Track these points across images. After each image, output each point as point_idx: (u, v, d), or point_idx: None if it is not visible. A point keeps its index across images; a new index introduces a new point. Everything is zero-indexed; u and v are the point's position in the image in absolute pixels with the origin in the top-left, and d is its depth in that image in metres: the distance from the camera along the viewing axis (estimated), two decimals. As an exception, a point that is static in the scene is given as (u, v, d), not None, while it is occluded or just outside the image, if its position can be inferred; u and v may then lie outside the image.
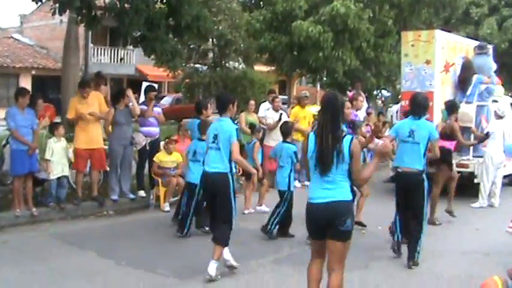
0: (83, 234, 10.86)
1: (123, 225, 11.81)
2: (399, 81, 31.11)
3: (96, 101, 12.57)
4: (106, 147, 13.50)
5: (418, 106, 9.44)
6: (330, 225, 6.17)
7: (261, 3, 26.31)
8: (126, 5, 14.10)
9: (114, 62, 43.51)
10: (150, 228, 11.55)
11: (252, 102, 16.46)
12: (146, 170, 13.86)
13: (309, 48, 23.25)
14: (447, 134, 12.53)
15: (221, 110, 8.88)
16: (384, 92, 33.31)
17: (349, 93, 22.27)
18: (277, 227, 10.79)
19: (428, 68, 14.58)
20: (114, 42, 41.98)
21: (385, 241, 10.00)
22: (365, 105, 19.39)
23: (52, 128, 12.23)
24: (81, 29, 17.76)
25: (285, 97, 31.59)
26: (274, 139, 14.89)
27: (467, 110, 14.63)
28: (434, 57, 14.58)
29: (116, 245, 10.10)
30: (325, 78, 27.96)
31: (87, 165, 12.75)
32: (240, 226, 11.11)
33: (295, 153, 10.88)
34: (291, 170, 10.86)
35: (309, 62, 23.67)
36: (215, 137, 8.61)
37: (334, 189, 6.17)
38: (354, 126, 11.50)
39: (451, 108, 12.92)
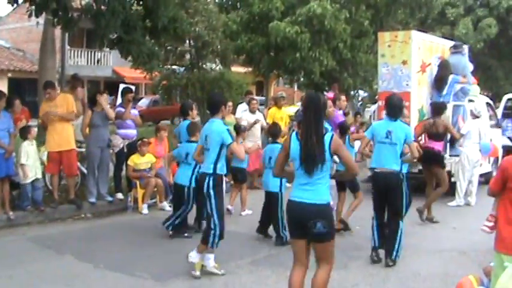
0: (60, 237, 10.82)
1: (101, 228, 11.79)
2: (376, 81, 31.25)
3: (64, 103, 12.45)
4: (83, 149, 13.48)
5: (394, 107, 9.53)
6: (302, 226, 6.23)
7: (238, 4, 26.29)
8: (102, 7, 14.04)
9: (91, 64, 43.31)
10: (128, 230, 11.53)
11: (230, 103, 16.44)
12: (124, 172, 13.83)
13: (286, 49, 23.26)
14: (436, 134, 12.71)
15: (213, 110, 8.88)
16: (361, 92, 33.45)
17: (327, 94, 22.36)
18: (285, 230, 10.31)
19: (405, 69, 14.59)
20: (91, 44, 41.77)
21: (365, 240, 10.06)
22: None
23: (24, 132, 12.10)
24: (58, 31, 17.70)
25: (263, 98, 31.67)
26: (251, 140, 14.98)
27: None
28: (410, 57, 14.61)
29: (94, 248, 10.07)
30: (302, 79, 28.02)
31: (60, 167, 12.68)
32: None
33: None
34: None
35: (286, 63, 23.67)
36: (206, 137, 8.62)
37: (312, 191, 6.22)
38: (343, 128, 11.58)
39: (440, 109, 13.15)
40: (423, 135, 13.18)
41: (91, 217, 12.56)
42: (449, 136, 13.79)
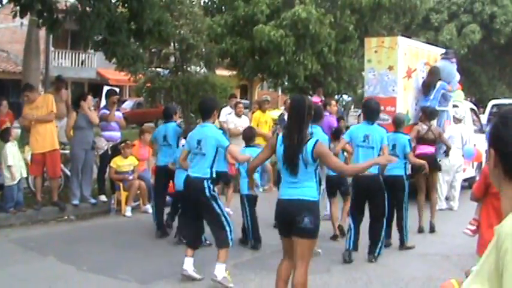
0: (43, 239, 10.78)
1: (84, 230, 11.76)
2: (360, 86, 31.44)
3: (44, 104, 12.41)
4: (67, 151, 13.44)
5: (372, 111, 9.75)
6: (290, 221, 6.43)
7: (223, 7, 26.34)
8: (87, 9, 14.02)
9: (75, 65, 43.15)
10: (111, 233, 11.51)
11: (215, 107, 16.47)
12: (107, 175, 13.80)
13: (270, 52, 23.31)
14: (430, 139, 12.80)
15: (205, 115, 8.82)
16: (345, 97, 33.55)
17: (312, 98, 22.39)
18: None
19: (391, 74, 14.65)
20: (75, 45, 41.61)
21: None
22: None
23: (6, 134, 12.00)
24: (42, 32, 17.63)
25: (247, 101, 31.66)
26: (237, 144, 14.97)
27: None
28: (396, 63, 14.67)
29: (77, 250, 10.05)
30: (286, 83, 28.07)
31: (43, 169, 12.63)
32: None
33: None
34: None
35: (271, 67, 23.72)
36: (198, 142, 8.48)
37: (299, 188, 6.43)
38: (338, 133, 11.58)
39: (433, 114, 13.36)
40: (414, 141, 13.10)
41: (74, 219, 12.52)
42: (444, 147, 13.76)
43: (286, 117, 14.56)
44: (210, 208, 8.41)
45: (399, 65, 14.67)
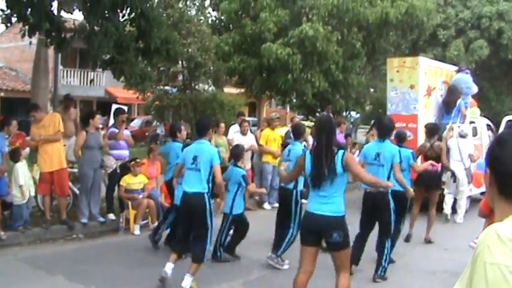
0: (52, 258, 10.79)
1: (93, 248, 11.76)
2: (367, 102, 31.47)
3: (51, 123, 12.44)
4: (75, 170, 13.47)
5: (383, 128, 9.90)
6: (317, 235, 7.04)
7: (230, 26, 26.39)
8: (95, 28, 14.09)
9: (83, 84, 43.31)
10: (120, 251, 11.51)
11: (222, 125, 16.52)
12: (116, 193, 13.82)
13: (278, 70, 23.33)
14: (432, 156, 12.93)
15: (201, 133, 9.26)
16: (353, 114, 33.59)
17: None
18: (221, 249, 10.89)
19: (413, 93, 15.41)
20: (84, 64, 41.83)
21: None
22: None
23: (15, 154, 12.06)
24: (51, 51, 17.70)
25: (255, 119, 31.72)
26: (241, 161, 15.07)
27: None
28: (418, 82, 15.40)
29: (86, 268, 10.06)
30: (294, 100, 28.11)
31: (52, 187, 12.64)
32: (210, 248, 11.15)
33: (243, 177, 10.83)
34: (235, 194, 10.77)
35: (278, 84, 23.74)
36: (195, 158, 8.88)
37: (327, 203, 6.90)
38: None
39: (433, 130, 13.39)
40: (420, 158, 13.44)
41: (83, 238, 12.53)
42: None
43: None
44: (204, 222, 8.79)
45: (420, 84, 15.48)
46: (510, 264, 2.21)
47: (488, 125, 18.15)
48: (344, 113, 28.94)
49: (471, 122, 16.45)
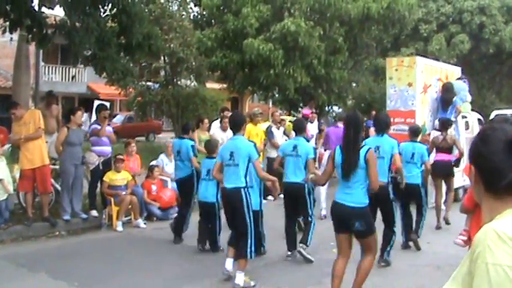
0: (34, 255, 10.74)
1: (76, 245, 11.72)
2: (350, 97, 31.52)
3: (32, 120, 12.35)
4: (57, 166, 13.41)
5: (380, 123, 10.25)
6: (344, 223, 7.73)
7: (213, 21, 26.35)
8: (77, 24, 14.02)
9: (65, 80, 43.13)
10: (102, 248, 11.49)
11: (206, 120, 16.47)
12: (98, 189, 13.77)
13: (260, 65, 23.32)
14: (445, 147, 13.80)
15: (235, 129, 9.54)
16: (335, 108, 33.60)
17: (303, 111, 22.45)
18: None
19: (410, 90, 16.42)
20: (66, 60, 41.58)
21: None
22: (316, 121, 19.68)
23: None
24: (32, 46, 17.61)
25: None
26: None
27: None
28: (415, 80, 16.40)
29: (69, 265, 10.02)
30: (276, 95, 28.10)
31: (33, 184, 12.58)
32: (193, 245, 11.19)
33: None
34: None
35: (260, 80, 23.73)
36: (231, 154, 9.12)
37: (351, 194, 7.67)
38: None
39: (448, 124, 14.48)
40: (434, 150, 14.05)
41: (65, 235, 12.49)
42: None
43: (273, 129, 15.04)
44: (243, 217, 9.09)
45: (417, 82, 16.48)
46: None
47: (479, 119, 19.12)
48: (326, 108, 28.95)
49: (463, 117, 17.32)
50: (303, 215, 10.89)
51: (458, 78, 18.08)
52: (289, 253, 10.75)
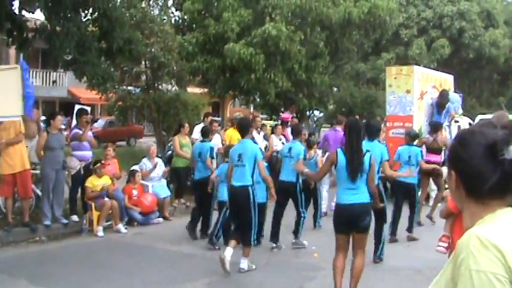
0: (14, 261, 10.68)
1: (56, 250, 11.66)
2: (331, 102, 31.57)
3: (12, 125, 12.26)
4: (38, 171, 13.34)
5: (371, 129, 10.71)
6: (353, 222, 8.22)
7: (194, 26, 26.29)
8: (57, 28, 13.97)
9: (46, 84, 43.01)
10: (83, 253, 11.45)
11: (187, 125, 16.47)
12: (79, 194, 13.71)
13: (241, 70, 23.30)
14: (436, 148, 14.80)
15: (243, 132, 10.65)
16: (316, 113, 33.66)
17: (283, 115, 22.49)
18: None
19: (409, 96, 17.70)
20: (46, 64, 41.44)
21: (321, 260, 10.17)
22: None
23: None
24: (12, 50, 17.55)
25: (219, 119, 31.65)
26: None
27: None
28: (413, 87, 17.73)
29: (49, 271, 9.98)
30: (257, 100, 28.10)
31: (14, 189, 12.50)
32: (173, 249, 11.18)
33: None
34: None
35: (241, 84, 23.70)
36: (239, 156, 10.09)
37: (358, 194, 8.23)
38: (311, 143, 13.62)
39: (437, 127, 15.30)
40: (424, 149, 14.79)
41: (46, 240, 12.42)
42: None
43: (254, 133, 15.25)
44: (248, 211, 9.99)
45: (415, 89, 17.77)
46: (496, 271, 2.22)
47: (469, 124, 19.96)
48: (307, 112, 28.99)
49: (456, 121, 18.48)
50: (296, 211, 11.90)
51: (455, 92, 19.59)
52: (273, 245, 11.66)
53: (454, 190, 2.57)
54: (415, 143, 13.54)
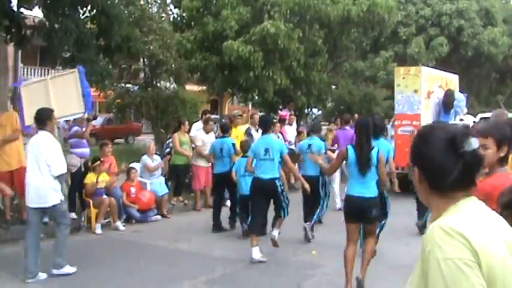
0: (12, 258, 10.65)
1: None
2: (329, 99, 31.55)
3: (9, 122, 12.30)
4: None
5: (376, 128, 10.62)
6: (362, 213, 8.74)
7: (192, 23, 26.24)
8: (55, 25, 13.95)
9: (44, 82, 42.90)
10: (81, 250, 11.41)
11: (186, 123, 16.48)
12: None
13: (239, 67, 23.27)
14: None
15: (266, 129, 11.48)
16: (315, 111, 33.65)
17: (281, 112, 22.48)
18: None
19: (416, 96, 18.22)
20: (45, 62, 41.22)
21: (320, 259, 10.17)
22: (295, 124, 19.81)
23: None
24: (10, 48, 17.50)
25: (217, 116, 31.66)
26: (201, 162, 15.37)
27: None
28: (420, 87, 18.19)
29: (47, 269, 9.96)
30: (256, 97, 28.07)
31: (11, 187, 12.46)
32: (171, 247, 11.18)
33: None
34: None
35: (240, 82, 23.68)
36: (266, 150, 10.85)
37: (367, 187, 8.81)
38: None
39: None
40: None
41: (44, 237, 12.31)
42: None
43: (252, 131, 15.53)
44: (280, 199, 11.02)
45: (422, 89, 18.25)
46: (463, 256, 2.30)
47: (474, 122, 20.00)
48: (306, 110, 28.98)
49: (461, 120, 18.52)
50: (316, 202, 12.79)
51: (461, 92, 19.94)
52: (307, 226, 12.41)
53: (418, 185, 2.68)
54: None
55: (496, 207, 5.27)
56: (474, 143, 2.55)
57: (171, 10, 28.27)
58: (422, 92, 18.32)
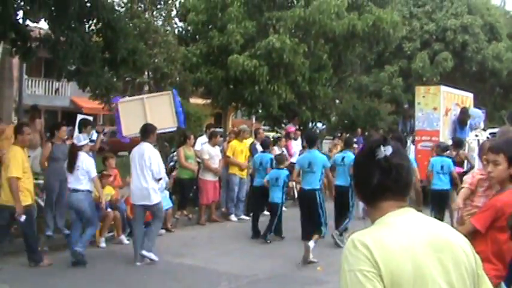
0: (16, 271, 10.63)
1: (58, 261, 11.59)
2: (333, 114, 31.54)
3: (14, 135, 12.28)
4: (41, 181, 13.30)
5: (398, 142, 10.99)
6: None
7: (197, 37, 26.29)
8: (61, 38, 13.96)
9: (48, 93, 42.93)
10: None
11: (192, 137, 16.50)
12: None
13: (244, 82, 23.26)
14: (459, 162, 15.70)
15: (311, 144, 12.88)
16: (319, 125, 33.64)
17: (287, 127, 22.50)
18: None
19: (435, 113, 19.56)
20: (49, 73, 41.36)
21: (326, 274, 10.14)
22: (300, 139, 19.85)
23: None
24: (16, 60, 17.54)
25: (221, 130, 31.64)
26: (209, 176, 15.35)
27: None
28: (439, 105, 19.58)
29: (51, 282, 9.95)
30: (260, 111, 28.06)
31: None
32: (176, 261, 11.14)
33: (287, 176, 14.01)
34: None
35: (245, 96, 23.69)
36: (309, 164, 12.21)
37: None
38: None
39: (460, 143, 16.44)
40: None
41: (48, 250, 12.37)
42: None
43: (257, 146, 15.73)
44: (317, 211, 12.10)
45: (441, 107, 19.57)
46: (363, 267, 2.44)
47: (487, 137, 19.97)
48: (310, 124, 28.97)
49: (476, 135, 19.06)
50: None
51: (477, 107, 21.27)
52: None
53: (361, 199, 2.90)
54: (445, 154, 14.90)
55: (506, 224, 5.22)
56: (387, 150, 2.69)
57: (176, 23, 28.33)
58: (441, 110, 19.56)
